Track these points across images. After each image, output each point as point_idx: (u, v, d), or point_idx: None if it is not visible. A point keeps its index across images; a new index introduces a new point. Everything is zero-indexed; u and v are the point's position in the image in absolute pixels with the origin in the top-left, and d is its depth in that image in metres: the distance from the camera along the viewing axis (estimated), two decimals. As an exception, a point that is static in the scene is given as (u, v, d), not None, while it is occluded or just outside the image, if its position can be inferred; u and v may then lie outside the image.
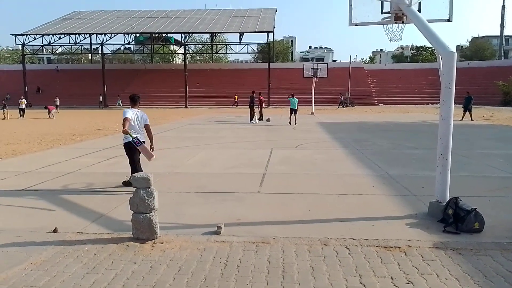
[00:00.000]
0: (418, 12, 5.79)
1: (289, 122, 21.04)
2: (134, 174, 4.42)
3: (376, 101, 51.01)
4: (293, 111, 21.17)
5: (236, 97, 47.95)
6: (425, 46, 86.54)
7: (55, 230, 4.70)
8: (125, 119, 6.44)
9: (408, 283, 3.36)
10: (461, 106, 23.63)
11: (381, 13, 6.34)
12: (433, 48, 6.49)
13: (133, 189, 4.37)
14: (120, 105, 48.89)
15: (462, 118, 23.28)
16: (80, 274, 3.59)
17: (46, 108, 29.75)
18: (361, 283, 3.37)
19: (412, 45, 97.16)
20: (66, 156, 10.12)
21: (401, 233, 4.53)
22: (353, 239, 4.34)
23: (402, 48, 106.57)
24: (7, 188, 6.93)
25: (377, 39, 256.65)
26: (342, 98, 45.94)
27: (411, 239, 4.34)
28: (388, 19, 6.27)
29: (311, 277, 3.50)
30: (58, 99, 39.46)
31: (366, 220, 5.06)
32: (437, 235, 4.46)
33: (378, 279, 3.44)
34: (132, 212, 4.36)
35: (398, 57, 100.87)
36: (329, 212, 5.40)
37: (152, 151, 6.70)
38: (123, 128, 6.38)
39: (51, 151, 10.70)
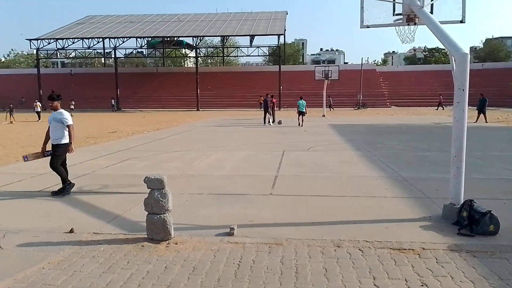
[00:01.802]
0: (430, 14, 5.76)
1: (299, 124, 21.58)
2: (148, 176, 4.46)
3: (388, 103, 50.68)
4: (301, 113, 21.82)
5: (261, 98, 47.78)
6: (437, 47, 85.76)
7: (71, 231, 4.79)
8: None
9: (422, 285, 3.35)
10: (475, 108, 23.34)
11: (393, 15, 6.32)
12: (446, 50, 6.45)
13: (147, 190, 4.43)
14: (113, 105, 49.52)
15: (476, 120, 22.99)
16: (97, 273, 3.66)
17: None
18: (375, 285, 3.37)
19: (424, 47, 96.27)
20: (81, 158, 10.28)
21: (415, 235, 4.51)
22: (366, 241, 4.34)
23: (415, 50, 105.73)
24: (24, 189, 7.08)
25: (389, 41, 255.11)
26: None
27: (425, 242, 4.31)
28: (400, 21, 6.26)
29: (324, 278, 3.51)
30: (73, 102, 39.96)
31: (379, 222, 5.05)
32: (452, 238, 4.43)
33: (392, 281, 3.43)
34: (147, 213, 4.42)
35: (410, 59, 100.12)
36: (342, 214, 5.40)
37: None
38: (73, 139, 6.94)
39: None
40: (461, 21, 5.98)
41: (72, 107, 38.89)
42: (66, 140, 6.78)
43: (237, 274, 3.60)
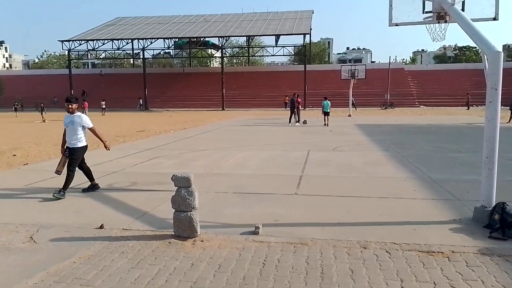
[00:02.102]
0: (461, 11, 5.61)
1: (324, 124, 21.77)
2: (175, 174, 4.54)
3: (417, 103, 49.58)
4: (326, 113, 22.27)
5: (286, 98, 47.50)
6: (468, 46, 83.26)
7: (101, 226, 4.93)
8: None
9: (451, 289, 3.28)
10: (508, 108, 22.51)
11: (423, 13, 6.19)
12: (477, 48, 6.27)
13: (174, 188, 4.51)
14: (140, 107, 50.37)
15: (509, 120, 22.17)
16: (125, 268, 3.76)
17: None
18: (402, 287, 3.32)
19: (454, 45, 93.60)
20: (111, 157, 10.55)
21: (444, 238, 4.40)
22: (394, 243, 4.27)
23: (445, 48, 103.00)
24: (57, 186, 7.31)
25: (418, 39, 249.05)
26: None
27: (455, 244, 4.20)
28: (430, 19, 6.12)
29: (350, 279, 3.48)
30: (104, 102, 41.08)
31: (407, 224, 4.96)
32: (483, 241, 4.30)
33: (420, 284, 3.37)
34: (174, 210, 4.50)
35: (440, 58, 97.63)
36: (369, 215, 5.33)
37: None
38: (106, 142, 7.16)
39: (96, 152, 11.16)
40: (494, 18, 5.80)
41: (104, 106, 40.04)
42: (83, 143, 6.75)
43: (262, 273, 3.62)
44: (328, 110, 22.30)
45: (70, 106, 6.70)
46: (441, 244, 4.23)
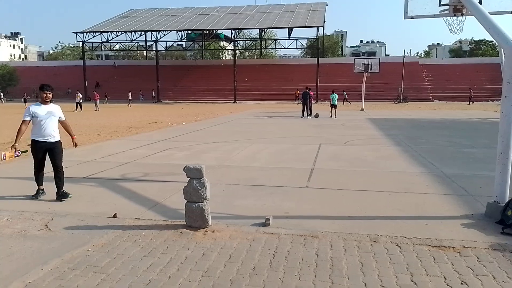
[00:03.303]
0: (478, 4, 5.51)
1: (334, 116, 23.03)
2: (187, 165, 4.57)
3: (431, 97, 48.96)
4: (333, 106, 23.65)
5: (298, 91, 47.17)
6: (484, 39, 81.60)
7: (114, 216, 5.02)
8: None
9: (462, 284, 3.26)
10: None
11: (439, 5, 6.11)
12: (494, 42, 6.17)
13: (186, 179, 4.56)
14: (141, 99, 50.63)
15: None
16: (138, 257, 3.83)
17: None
18: (412, 281, 3.32)
19: (470, 39, 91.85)
20: (124, 147, 10.68)
21: (456, 233, 4.38)
22: (405, 237, 4.26)
23: (460, 42, 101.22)
24: (71, 175, 7.45)
25: (433, 33, 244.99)
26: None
27: (466, 240, 4.18)
28: (447, 12, 6.04)
29: (360, 272, 3.49)
30: (130, 94, 42.38)
31: (418, 218, 4.93)
32: (495, 237, 4.26)
33: (430, 278, 3.37)
34: (186, 201, 4.55)
35: (456, 52, 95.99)
36: (379, 210, 5.31)
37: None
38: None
39: (109, 142, 11.35)
40: (512, 11, 5.69)
41: (130, 98, 40.93)
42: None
43: (272, 264, 3.65)
44: (336, 103, 23.67)
45: (47, 95, 5.88)
46: (452, 239, 4.21)
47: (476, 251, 3.92)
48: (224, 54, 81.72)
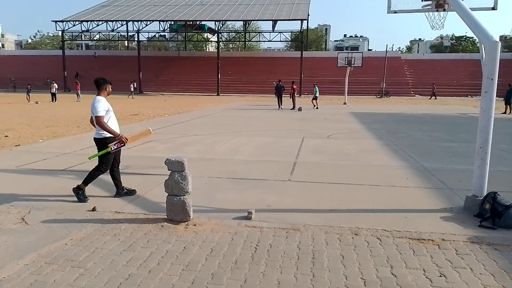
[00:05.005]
0: (460, 0, 5.56)
1: (316, 107, 25.37)
2: (168, 158, 4.49)
3: (412, 92, 49.58)
4: (315, 98, 26.11)
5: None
6: (465, 36, 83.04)
7: (93, 209, 4.92)
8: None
9: (440, 276, 3.32)
10: (503, 99, 22.64)
11: (422, 0, 6.14)
12: (474, 38, 6.23)
13: (167, 172, 4.49)
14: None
15: (505, 111, 22.30)
16: (118, 251, 3.76)
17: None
18: (392, 274, 3.35)
19: (452, 35, 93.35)
20: (104, 139, 10.46)
21: (435, 226, 4.45)
22: (385, 230, 4.30)
23: (442, 37, 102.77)
24: (49, 168, 7.29)
25: (415, 28, 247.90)
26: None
27: (445, 233, 4.25)
28: (429, 7, 6.08)
29: (341, 265, 3.51)
30: (132, 85, 41.40)
31: (398, 212, 5.00)
32: (473, 230, 4.35)
33: (410, 271, 3.41)
34: (167, 194, 4.49)
35: (437, 47, 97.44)
36: (361, 203, 5.36)
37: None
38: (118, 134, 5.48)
39: (89, 134, 11.04)
40: (493, 8, 5.78)
41: (132, 89, 40.04)
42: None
43: (254, 257, 3.64)
44: (317, 95, 26.39)
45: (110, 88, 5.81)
46: (431, 232, 4.27)
47: (454, 244, 3.99)
48: (207, 46, 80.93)
